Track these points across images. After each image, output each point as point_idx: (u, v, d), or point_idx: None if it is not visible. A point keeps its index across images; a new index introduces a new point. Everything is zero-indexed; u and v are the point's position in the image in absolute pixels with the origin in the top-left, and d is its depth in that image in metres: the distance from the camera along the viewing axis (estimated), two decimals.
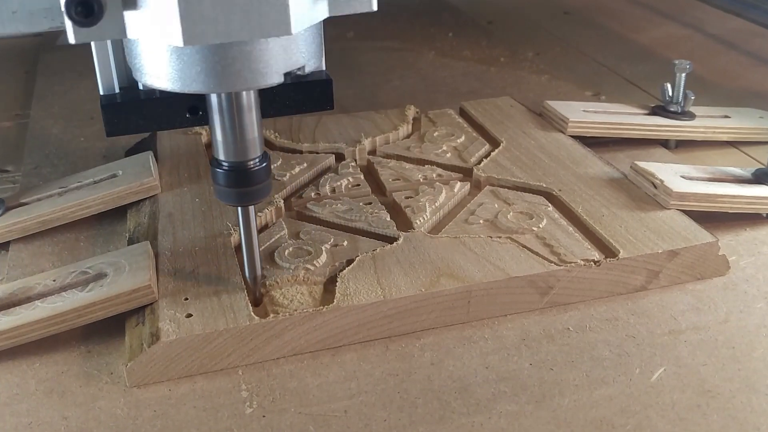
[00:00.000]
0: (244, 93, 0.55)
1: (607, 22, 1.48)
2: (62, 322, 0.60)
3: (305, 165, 0.84)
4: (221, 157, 0.57)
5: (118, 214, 0.78)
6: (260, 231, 0.72)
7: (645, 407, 0.55)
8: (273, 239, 0.70)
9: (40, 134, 1.03)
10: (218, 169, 0.58)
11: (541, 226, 0.70)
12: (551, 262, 0.65)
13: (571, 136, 0.89)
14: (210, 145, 0.89)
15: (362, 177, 0.82)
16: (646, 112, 0.94)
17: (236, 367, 0.59)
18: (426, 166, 0.84)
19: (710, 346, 0.61)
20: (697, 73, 1.02)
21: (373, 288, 0.62)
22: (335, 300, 0.61)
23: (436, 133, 0.90)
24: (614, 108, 0.95)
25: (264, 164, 0.58)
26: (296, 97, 0.66)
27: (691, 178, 0.76)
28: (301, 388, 0.57)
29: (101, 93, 0.64)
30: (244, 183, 0.58)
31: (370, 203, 0.76)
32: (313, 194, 0.78)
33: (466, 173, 0.82)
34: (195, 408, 0.56)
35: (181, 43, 0.48)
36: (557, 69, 1.23)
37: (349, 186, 0.80)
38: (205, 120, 0.65)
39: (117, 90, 0.64)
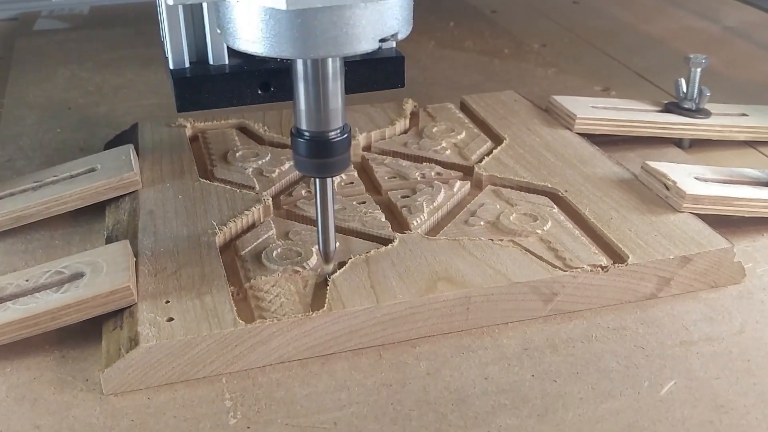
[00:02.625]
0: (330, 60, 0.56)
1: (618, 12, 1.48)
2: (35, 324, 0.60)
3: None
4: (303, 126, 0.59)
5: (96, 210, 0.78)
6: (247, 230, 0.72)
7: (654, 423, 0.55)
8: (260, 239, 0.70)
9: (14, 124, 1.03)
10: (299, 139, 0.59)
11: (545, 228, 0.70)
12: (556, 267, 0.65)
13: (579, 134, 0.89)
14: (195, 138, 0.90)
15: (356, 174, 0.82)
16: (658, 108, 0.94)
17: (220, 375, 0.59)
18: (424, 163, 0.84)
19: (724, 359, 0.61)
20: (713, 67, 1.02)
21: (366, 293, 0.62)
22: (326, 305, 0.61)
23: (435, 129, 0.90)
24: (625, 104, 0.95)
25: (345, 135, 0.60)
26: (368, 74, 0.67)
27: (705, 180, 0.76)
28: (288, 398, 0.57)
29: (171, 67, 0.66)
30: (324, 154, 0.59)
31: (363, 202, 0.76)
32: (303, 192, 0.78)
33: (466, 172, 0.82)
34: (175, 418, 0.56)
35: (284, 6, 0.49)
36: (565, 61, 1.24)
37: (342, 184, 0.80)
38: (276, 97, 0.66)
39: (187, 65, 0.66)
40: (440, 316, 0.63)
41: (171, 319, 0.59)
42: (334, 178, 0.63)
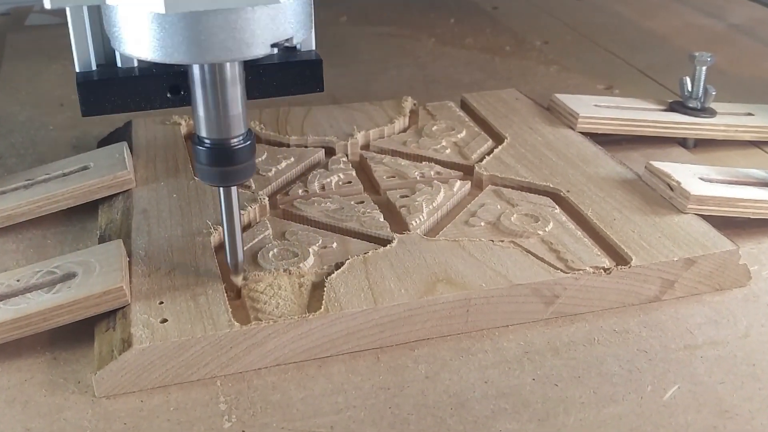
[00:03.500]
0: (228, 65, 0.56)
1: (621, 9, 1.48)
2: (26, 325, 0.60)
3: (292, 159, 0.84)
4: (203, 133, 0.58)
5: (88, 209, 0.78)
6: (243, 230, 0.72)
7: (657, 428, 0.55)
8: (256, 239, 0.70)
9: (6, 122, 1.03)
10: (200, 147, 0.58)
11: (547, 229, 0.70)
12: (557, 269, 0.65)
13: (581, 133, 0.89)
14: (190, 136, 0.90)
15: (354, 173, 0.81)
16: (662, 107, 0.94)
17: (214, 378, 0.59)
18: (423, 162, 0.84)
19: (728, 363, 0.61)
20: (719, 66, 1.02)
21: (364, 294, 0.62)
22: (323, 306, 0.61)
23: (435, 127, 0.90)
24: (628, 103, 0.95)
25: (248, 142, 0.59)
26: (284, 78, 0.66)
27: (710, 181, 0.76)
28: (284, 401, 0.57)
29: (77, 70, 0.65)
30: (226, 162, 0.58)
31: (362, 202, 0.76)
32: (300, 191, 0.78)
33: (466, 171, 0.82)
34: (169, 421, 0.56)
35: (162, 10, 0.48)
36: (567, 59, 1.24)
37: (340, 183, 0.80)
38: (187, 100, 0.65)
39: (94, 67, 0.65)
40: (439, 319, 0.63)
41: (165, 321, 0.59)
42: (236, 187, 0.62)
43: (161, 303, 0.61)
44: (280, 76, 0.66)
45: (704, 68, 0.91)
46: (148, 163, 0.83)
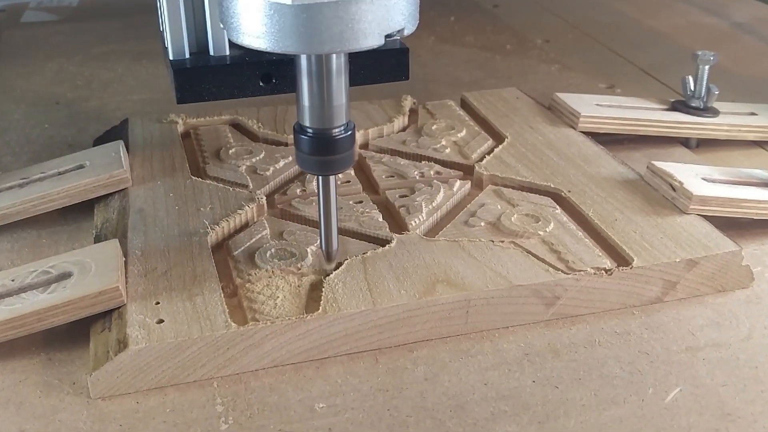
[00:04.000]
0: (334, 56, 0.57)
1: (623, 7, 1.48)
2: (21, 326, 0.60)
3: (290, 159, 0.84)
4: (306, 123, 0.60)
5: (84, 208, 0.78)
6: (240, 230, 0.72)
7: (658, 431, 0.55)
8: (254, 239, 0.70)
9: (1, 120, 1.03)
10: (302, 136, 0.60)
11: (547, 230, 0.70)
12: (558, 269, 0.65)
13: (583, 132, 0.89)
14: (187, 135, 0.90)
15: (352, 173, 0.82)
16: (665, 107, 0.94)
17: (211, 379, 0.59)
18: (423, 162, 0.84)
19: (731, 365, 0.61)
20: (722, 65, 1.02)
21: (363, 295, 0.62)
22: (321, 307, 0.61)
23: (434, 127, 0.91)
24: (630, 102, 0.95)
25: (349, 132, 0.60)
26: (372, 67, 0.67)
27: (713, 181, 0.76)
28: (281, 403, 0.57)
29: (170, 57, 0.67)
30: (327, 151, 0.60)
31: (360, 202, 0.76)
32: (298, 191, 0.78)
33: (466, 171, 0.82)
34: (165, 423, 0.56)
35: (289, 1, 0.50)
36: (568, 58, 1.24)
37: (338, 183, 0.80)
38: (278, 88, 0.67)
39: (187, 55, 0.67)
40: (439, 320, 0.63)
41: (161, 321, 0.59)
42: (335, 177, 0.63)
43: (157, 303, 0.61)
44: (369, 64, 0.68)
45: (707, 67, 0.91)
46: (144, 162, 0.83)
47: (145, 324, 0.59)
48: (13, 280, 0.64)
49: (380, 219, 0.73)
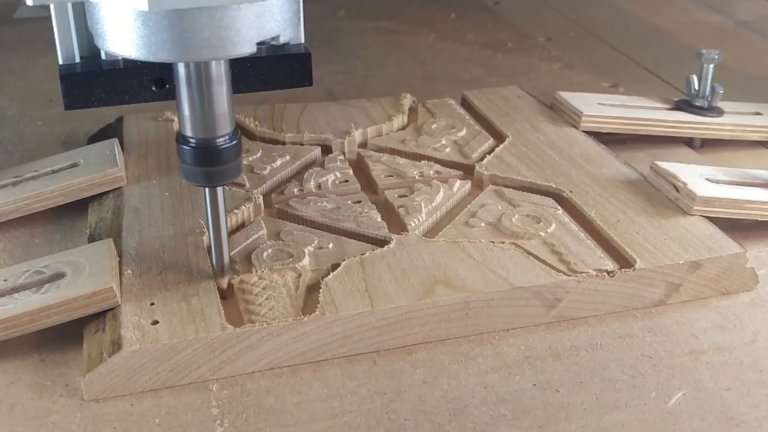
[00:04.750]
0: (213, 63, 0.56)
1: (627, 5, 1.49)
2: (13, 327, 0.60)
3: (288, 158, 0.84)
4: (188, 133, 0.58)
5: (78, 207, 0.78)
6: (237, 230, 0.72)
7: None
8: (250, 240, 0.70)
9: None
10: (185, 146, 0.59)
11: (549, 231, 0.70)
12: (559, 271, 0.65)
13: (585, 132, 0.89)
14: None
15: (351, 172, 0.82)
16: (668, 106, 0.94)
17: (206, 381, 0.59)
18: (422, 161, 0.84)
19: (735, 369, 0.61)
20: (726, 64, 1.02)
21: (361, 296, 0.62)
22: (318, 309, 0.61)
23: (434, 125, 0.91)
24: (633, 101, 0.95)
25: (234, 142, 0.59)
26: (272, 72, 0.66)
27: (717, 181, 0.76)
28: (278, 406, 0.57)
29: (60, 62, 0.65)
30: (212, 162, 0.59)
31: (359, 202, 0.76)
32: (296, 190, 0.78)
33: (467, 170, 0.82)
34: (159, 425, 0.56)
35: (145, 7, 0.48)
36: (571, 56, 1.24)
37: (337, 182, 0.80)
38: (172, 94, 0.65)
39: (77, 59, 0.66)
40: (438, 322, 0.63)
41: (156, 322, 0.59)
42: (222, 187, 0.62)
43: (152, 304, 0.61)
44: (268, 69, 0.67)
45: (712, 66, 0.91)
46: (139, 161, 0.83)
47: (139, 325, 0.59)
48: (5, 280, 0.64)
49: (379, 219, 0.73)
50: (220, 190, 0.61)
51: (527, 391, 0.59)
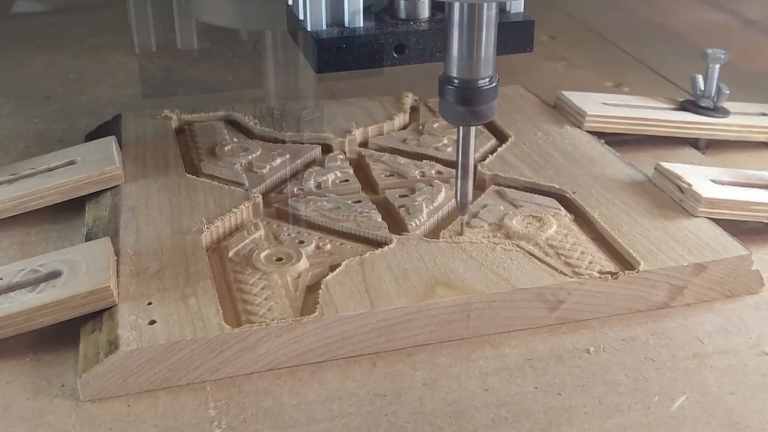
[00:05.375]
0: (485, 6, 0.62)
1: (632, 4, 1.48)
2: (9, 326, 0.60)
3: (288, 156, 0.84)
4: (453, 73, 0.64)
5: (75, 206, 0.78)
6: (235, 229, 0.72)
7: None
8: (248, 240, 0.70)
9: None
10: (448, 86, 0.65)
11: (551, 232, 0.71)
12: (562, 273, 0.65)
13: (589, 132, 0.89)
14: (181, 131, 0.90)
15: (351, 172, 0.82)
16: (673, 106, 0.94)
17: (204, 382, 0.59)
18: (424, 161, 0.84)
19: (739, 373, 0.61)
20: (733, 64, 1.02)
21: (361, 297, 0.62)
22: (317, 310, 0.61)
23: (436, 125, 0.91)
24: (638, 101, 0.95)
25: (494, 84, 0.65)
26: (497, 39, 0.69)
27: (722, 183, 0.76)
28: (276, 407, 0.57)
29: (308, 29, 0.71)
30: (472, 101, 0.65)
31: (359, 201, 0.76)
32: (295, 190, 0.78)
33: None
34: (156, 427, 0.56)
35: None
36: (575, 55, 1.24)
37: (337, 181, 0.80)
38: (411, 59, 0.72)
39: (324, 27, 0.71)
40: (439, 323, 0.63)
41: (153, 322, 0.59)
42: (474, 128, 0.68)
43: (149, 304, 0.61)
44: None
45: (717, 66, 0.91)
46: (137, 159, 0.83)
47: (136, 325, 0.59)
48: (1, 279, 0.64)
49: (379, 219, 0.73)
50: (473, 130, 0.67)
51: (529, 393, 0.59)
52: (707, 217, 0.72)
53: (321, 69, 0.70)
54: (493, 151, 0.85)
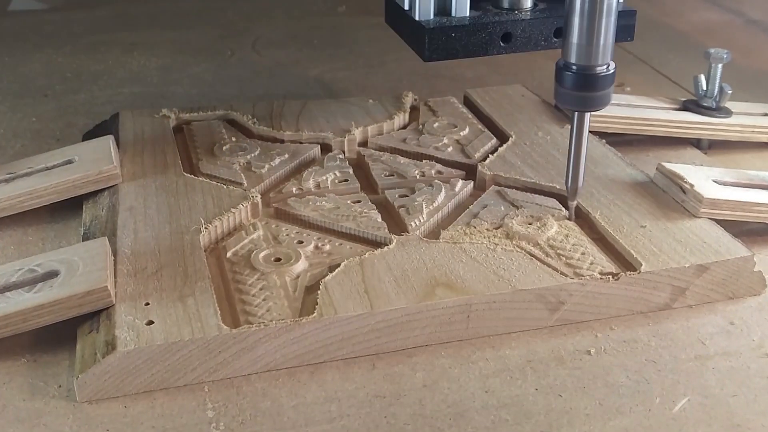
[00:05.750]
0: None
1: (634, 2, 1.48)
2: (5, 326, 0.60)
3: (286, 156, 0.84)
4: (572, 59, 0.67)
5: (72, 205, 0.78)
6: (234, 229, 0.72)
7: None
8: (246, 240, 0.70)
9: None
10: (566, 72, 0.67)
11: (552, 232, 0.71)
12: (563, 274, 0.65)
13: (590, 132, 0.89)
14: (179, 130, 0.90)
15: (351, 171, 0.82)
16: (675, 106, 0.94)
17: (202, 383, 0.59)
18: (424, 161, 0.84)
19: (741, 375, 0.61)
20: (736, 64, 1.02)
21: (360, 298, 0.62)
22: (316, 310, 0.61)
23: (436, 124, 0.91)
24: (640, 101, 0.95)
25: (611, 71, 0.67)
26: None
27: (724, 184, 0.76)
28: (274, 408, 0.57)
29: (417, 18, 0.73)
30: (589, 87, 0.67)
31: (359, 201, 0.76)
32: (294, 189, 0.78)
33: (469, 170, 0.82)
34: (153, 428, 0.56)
35: None
36: None
37: (336, 181, 0.80)
38: (517, 48, 0.75)
39: (432, 16, 0.74)
40: (439, 324, 0.63)
41: (151, 323, 0.59)
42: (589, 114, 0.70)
43: (147, 304, 0.61)
44: None
45: (720, 65, 0.91)
46: (135, 158, 0.83)
47: (134, 325, 0.59)
48: None
49: (379, 219, 0.73)
50: (587, 116, 0.69)
51: (529, 395, 0.59)
52: (709, 218, 0.72)
53: (430, 57, 0.72)
54: (494, 151, 0.85)
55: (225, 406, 0.57)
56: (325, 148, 0.87)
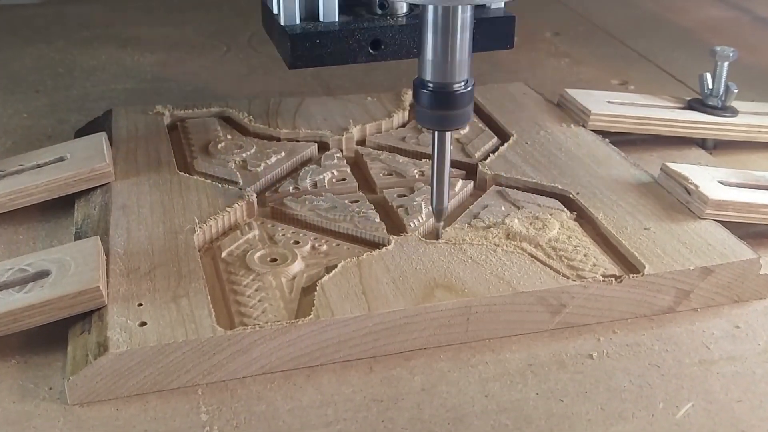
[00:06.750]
0: (460, 9, 0.62)
1: (640, 0, 1.49)
2: None
3: (283, 154, 0.84)
4: (427, 77, 0.64)
5: (64, 204, 0.78)
6: (229, 228, 0.72)
7: None
8: (241, 240, 0.70)
9: None
10: (423, 90, 0.65)
11: (554, 233, 0.71)
12: (565, 276, 0.65)
13: (593, 131, 0.89)
14: (174, 127, 0.90)
15: (349, 170, 0.82)
16: (680, 105, 0.94)
17: (195, 386, 0.59)
18: (423, 160, 0.84)
19: (746, 380, 0.61)
20: (743, 62, 1.02)
21: (357, 299, 0.62)
22: (313, 312, 0.61)
23: None
24: (644, 100, 0.95)
25: (469, 89, 0.65)
26: (477, 34, 0.70)
27: (730, 184, 0.76)
28: (269, 412, 0.57)
29: (282, 23, 0.72)
30: (447, 106, 0.64)
31: (356, 201, 0.76)
32: (291, 188, 0.78)
33: (469, 170, 0.83)
34: (146, 431, 0.56)
35: None
36: (579, 52, 1.24)
37: (333, 180, 0.80)
38: (387, 55, 0.74)
39: (298, 21, 0.72)
40: (437, 327, 0.63)
41: (144, 324, 0.59)
42: (450, 133, 0.68)
43: (140, 305, 0.61)
44: (474, 32, 0.70)
45: (726, 64, 0.91)
46: (128, 156, 0.83)
47: (126, 327, 0.59)
48: None
49: (377, 219, 0.73)
50: (448, 135, 0.67)
51: (530, 400, 0.59)
52: (714, 220, 0.72)
53: (294, 64, 0.70)
54: (494, 150, 0.85)
55: (219, 409, 0.57)
56: (323, 147, 0.87)
